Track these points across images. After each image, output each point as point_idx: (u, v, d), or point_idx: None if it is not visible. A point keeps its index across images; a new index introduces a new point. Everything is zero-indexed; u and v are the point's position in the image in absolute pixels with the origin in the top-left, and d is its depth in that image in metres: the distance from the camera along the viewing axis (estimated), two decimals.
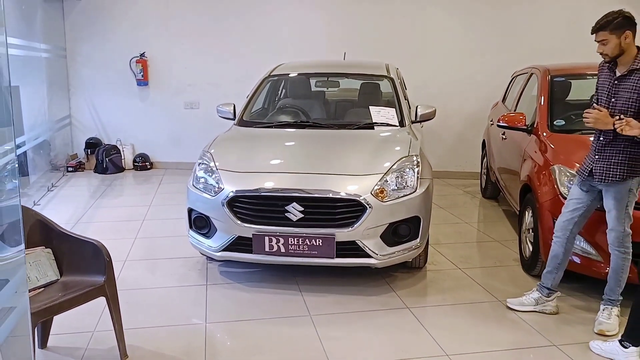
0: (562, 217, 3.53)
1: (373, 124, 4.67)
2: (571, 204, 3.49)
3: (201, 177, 4.09)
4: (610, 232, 3.34)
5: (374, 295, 3.91)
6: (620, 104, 3.24)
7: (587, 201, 3.43)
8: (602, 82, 3.40)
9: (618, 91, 3.27)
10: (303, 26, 7.97)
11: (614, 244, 3.34)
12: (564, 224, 3.50)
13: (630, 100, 3.21)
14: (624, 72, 3.26)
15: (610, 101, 3.30)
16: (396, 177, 3.89)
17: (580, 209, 3.45)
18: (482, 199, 6.87)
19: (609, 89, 3.32)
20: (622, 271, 3.36)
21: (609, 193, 3.31)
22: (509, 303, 3.74)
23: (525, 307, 3.68)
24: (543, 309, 3.65)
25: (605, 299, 3.45)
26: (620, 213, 3.28)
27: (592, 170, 3.35)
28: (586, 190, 3.43)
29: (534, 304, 3.67)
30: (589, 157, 3.42)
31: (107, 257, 2.94)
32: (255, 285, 4.07)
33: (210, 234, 3.98)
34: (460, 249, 4.92)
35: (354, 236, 3.73)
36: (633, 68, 3.22)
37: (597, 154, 3.33)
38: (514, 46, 7.75)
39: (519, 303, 3.71)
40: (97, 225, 5.58)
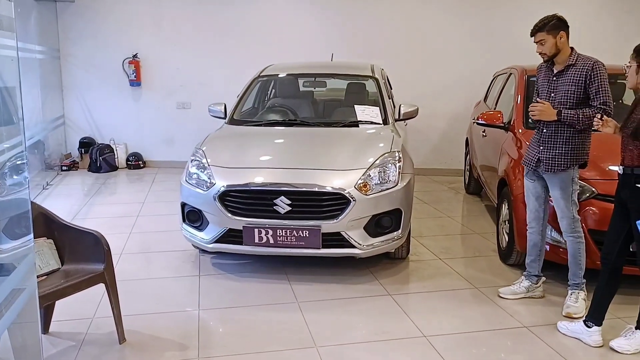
0: (530, 210, 3.80)
1: (358, 122, 4.89)
2: (530, 195, 3.80)
3: (194, 173, 4.30)
4: (561, 220, 3.62)
5: (359, 283, 4.14)
6: (560, 97, 3.57)
7: (540, 188, 3.74)
8: (542, 80, 3.74)
9: (557, 86, 3.60)
10: (292, 28, 8.20)
11: (567, 231, 3.62)
12: (535, 214, 3.77)
13: (569, 92, 3.54)
14: (560, 68, 3.59)
15: (550, 95, 3.62)
16: (379, 172, 4.12)
17: (540, 197, 3.75)
18: (465, 195, 7.12)
19: (549, 85, 3.65)
20: (580, 255, 3.62)
21: (554, 182, 3.61)
22: (501, 293, 3.94)
23: (517, 295, 3.90)
24: (533, 295, 3.90)
25: (571, 284, 3.70)
26: (567, 201, 3.58)
27: (539, 160, 3.63)
28: (534, 180, 3.74)
29: (525, 291, 3.90)
30: (533, 149, 3.71)
31: (106, 246, 3.14)
32: (246, 275, 4.29)
33: (203, 227, 4.19)
34: (442, 241, 5.16)
35: (338, 227, 3.95)
36: (569, 64, 3.55)
37: (542, 145, 3.62)
38: (497, 47, 8.01)
39: (510, 292, 3.93)
40: (92, 221, 5.75)
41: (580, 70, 3.52)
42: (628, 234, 3.10)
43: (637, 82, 3.05)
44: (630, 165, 3.04)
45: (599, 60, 3.54)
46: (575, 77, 3.53)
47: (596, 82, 3.47)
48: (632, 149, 3.04)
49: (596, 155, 4.07)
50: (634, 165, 3.02)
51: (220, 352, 3.16)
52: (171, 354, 3.15)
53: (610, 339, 3.24)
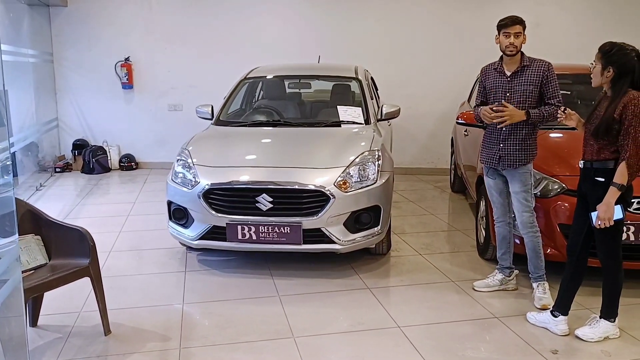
0: (496, 204, 3.96)
1: (340, 122, 5.03)
2: (493, 192, 3.95)
3: (179, 172, 4.43)
4: (523, 214, 3.75)
5: (339, 278, 4.27)
6: (518, 96, 3.73)
7: (502, 184, 3.90)
8: (492, 82, 3.87)
9: (513, 86, 3.75)
10: (280, 31, 8.35)
11: (526, 226, 3.75)
12: (502, 209, 3.93)
13: (527, 92, 3.71)
14: (514, 69, 3.75)
15: (506, 96, 3.76)
16: (358, 170, 4.25)
17: (503, 192, 3.91)
18: (450, 193, 7.26)
19: (502, 86, 3.80)
20: (539, 248, 3.79)
21: (515, 178, 3.76)
22: (475, 286, 4.07)
23: (492, 287, 4.05)
24: (506, 287, 4.04)
25: (534, 277, 3.84)
26: (527, 195, 3.74)
27: (500, 157, 3.77)
28: (494, 178, 3.90)
29: (498, 284, 4.04)
30: (490, 147, 3.85)
31: (91, 241, 3.28)
32: (231, 271, 4.42)
33: (188, 224, 4.32)
34: (424, 238, 5.29)
35: (319, 224, 4.08)
36: (524, 65, 3.74)
37: (502, 143, 3.76)
38: (483, 48, 8.10)
39: (485, 285, 4.07)
40: (83, 220, 5.87)
41: (536, 71, 3.70)
42: (591, 227, 3.23)
43: (601, 82, 3.18)
44: (590, 159, 3.18)
45: (548, 61, 3.76)
46: (531, 78, 3.70)
47: (552, 82, 3.69)
48: (592, 144, 3.18)
49: (566, 152, 4.24)
50: (593, 160, 3.16)
51: (200, 343, 3.29)
52: (153, 345, 3.28)
53: (576, 328, 3.38)
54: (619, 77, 3.06)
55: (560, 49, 7.89)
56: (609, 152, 3.09)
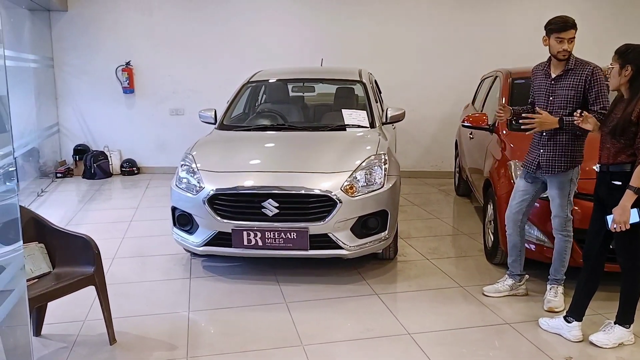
0: (511, 209, 3.87)
1: (345, 126, 4.98)
2: (517, 196, 3.84)
3: (183, 177, 4.38)
4: (554, 219, 3.68)
5: (346, 283, 4.21)
6: (559, 101, 3.61)
7: (532, 192, 3.79)
8: (539, 83, 3.78)
9: (555, 90, 3.64)
10: (282, 35, 8.31)
11: (557, 229, 3.68)
12: (514, 215, 3.85)
13: (568, 97, 3.58)
14: (559, 72, 3.62)
15: (549, 99, 3.66)
16: (365, 174, 4.20)
17: (526, 200, 3.80)
18: (455, 197, 7.20)
19: (547, 88, 3.69)
20: (565, 253, 3.70)
21: (553, 183, 3.65)
22: (485, 291, 4.02)
23: (501, 293, 3.98)
24: (516, 293, 3.97)
25: (551, 279, 3.79)
26: (563, 200, 3.63)
27: (539, 163, 3.68)
28: (531, 182, 3.78)
29: (508, 289, 3.98)
30: (532, 152, 3.76)
31: (95, 249, 3.22)
32: (236, 277, 4.36)
33: (193, 230, 4.27)
34: (430, 242, 5.24)
35: (326, 229, 4.03)
36: (569, 68, 3.59)
37: (542, 149, 3.67)
38: (485, 51, 8.13)
39: (494, 290, 4.01)
40: (86, 226, 5.82)
41: (579, 75, 3.55)
42: (608, 231, 3.17)
43: (620, 82, 3.13)
44: (606, 162, 3.13)
45: (597, 65, 3.58)
46: (574, 82, 3.55)
47: (595, 87, 3.50)
48: (609, 147, 3.13)
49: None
50: (609, 163, 3.11)
51: (208, 352, 3.23)
52: (160, 354, 3.22)
53: (590, 334, 3.32)
54: (637, 76, 3.02)
55: None
56: (625, 156, 3.04)
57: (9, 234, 2.67)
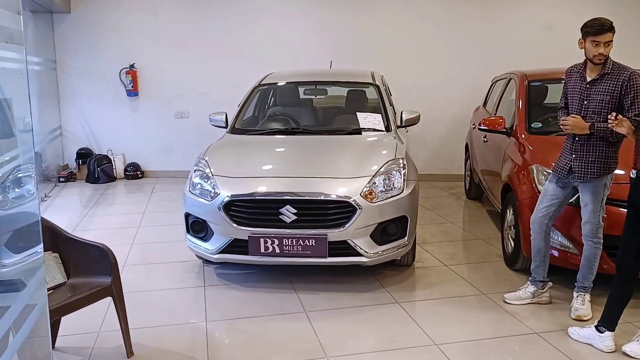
0: (538, 213, 3.77)
1: (360, 130, 4.87)
2: (546, 199, 3.73)
3: (197, 183, 4.27)
4: (585, 225, 3.59)
5: (365, 291, 4.11)
6: (594, 105, 3.50)
7: (562, 197, 3.68)
8: (573, 86, 3.66)
9: (590, 94, 3.53)
10: (290, 36, 8.20)
11: (588, 235, 3.58)
12: (540, 219, 3.74)
13: (603, 102, 3.47)
14: (595, 76, 3.51)
15: (583, 104, 3.56)
16: (384, 179, 4.10)
17: (555, 204, 3.70)
18: (466, 200, 7.11)
19: (581, 92, 3.57)
20: (595, 260, 3.60)
21: (586, 189, 3.55)
22: (506, 298, 3.92)
23: (523, 300, 3.88)
24: (539, 300, 3.87)
25: (578, 287, 3.69)
26: (596, 206, 3.53)
27: (571, 168, 3.59)
28: (561, 187, 3.67)
29: (531, 297, 3.88)
30: (564, 156, 3.66)
31: (112, 259, 3.11)
32: (252, 285, 4.25)
33: (207, 237, 4.16)
34: (446, 247, 5.14)
35: (345, 236, 3.92)
36: (604, 72, 3.47)
37: (574, 153, 3.57)
38: (494, 52, 8.05)
39: (516, 297, 3.91)
40: (93, 232, 5.70)
41: (616, 80, 3.43)
42: None
43: None
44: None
45: (635, 70, 3.46)
46: (610, 87, 3.44)
47: (632, 92, 3.39)
48: None
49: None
50: None
51: None
52: None
53: (622, 344, 3.23)
54: None
55: (575, 53, 7.77)
56: None
57: (29, 242, 2.57)
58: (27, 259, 2.74)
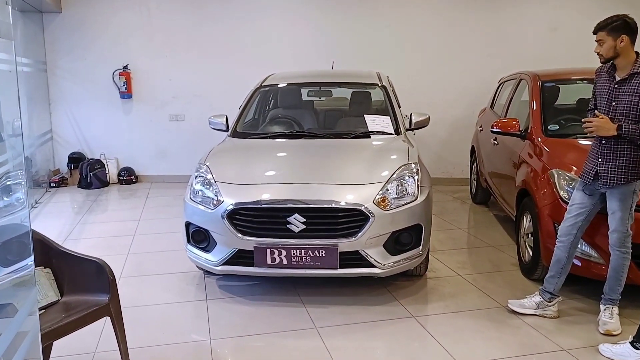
0: (566, 222, 3.54)
1: (369, 133, 4.65)
2: (574, 208, 3.51)
3: (199, 190, 4.02)
4: (612, 233, 3.37)
5: (378, 304, 3.88)
6: (622, 107, 3.29)
7: (590, 205, 3.47)
8: (601, 86, 3.45)
9: (619, 95, 3.31)
10: (289, 36, 7.96)
11: (615, 245, 3.37)
12: (568, 229, 3.52)
13: (632, 103, 3.25)
14: (624, 76, 3.30)
15: (611, 105, 3.34)
16: (396, 186, 3.88)
17: (583, 213, 3.48)
18: (472, 205, 6.90)
19: (609, 93, 3.36)
20: (622, 270, 3.40)
21: (614, 195, 3.34)
22: (509, 304, 3.74)
23: (526, 309, 3.69)
24: (544, 313, 3.65)
25: (605, 299, 3.48)
26: (624, 214, 3.32)
27: (596, 174, 3.38)
28: (589, 194, 3.46)
29: (534, 307, 3.67)
30: (590, 161, 3.45)
31: (110, 275, 2.85)
32: (257, 298, 4.01)
33: (210, 248, 3.91)
34: (457, 255, 4.93)
35: (357, 246, 3.70)
36: (634, 72, 3.26)
37: (600, 158, 3.36)
38: (497, 53, 7.86)
39: (519, 305, 3.72)
40: (86, 242, 5.44)
41: None
42: None
43: None
44: None
45: None
46: (639, 87, 3.25)
47: None
48: None
49: None
50: None
51: None
52: None
53: None
54: None
55: (580, 54, 7.59)
56: None
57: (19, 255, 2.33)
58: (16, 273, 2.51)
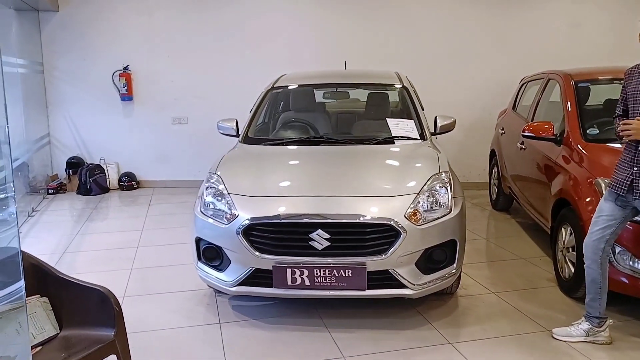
0: (591, 237, 3.21)
1: (393, 138, 4.29)
2: (601, 220, 3.18)
3: (210, 202, 3.67)
4: None
5: (410, 328, 3.52)
6: None
7: (620, 217, 3.14)
8: (634, 89, 3.13)
9: None
10: (295, 35, 7.61)
11: None
12: (595, 244, 3.18)
13: None
14: None
15: None
16: (427, 197, 3.53)
17: (612, 226, 3.14)
18: (492, 211, 6.56)
19: None
20: None
21: None
22: (555, 334, 3.39)
23: (574, 338, 3.33)
24: (595, 340, 3.30)
25: None
26: None
27: (631, 184, 3.04)
28: (621, 206, 3.13)
29: (584, 335, 3.32)
30: (622, 170, 3.12)
31: (116, 306, 2.50)
32: (275, 321, 3.65)
33: (223, 267, 3.55)
34: (486, 270, 4.58)
35: (386, 265, 3.34)
36: None
37: (636, 166, 3.03)
38: (514, 51, 7.53)
39: (566, 334, 3.37)
40: (86, 254, 5.09)
41: None
42: None
43: None
44: None
45: None
46: None
47: None
48: None
49: None
50: None
51: None
52: None
53: None
54: None
55: (602, 51, 7.28)
56: None
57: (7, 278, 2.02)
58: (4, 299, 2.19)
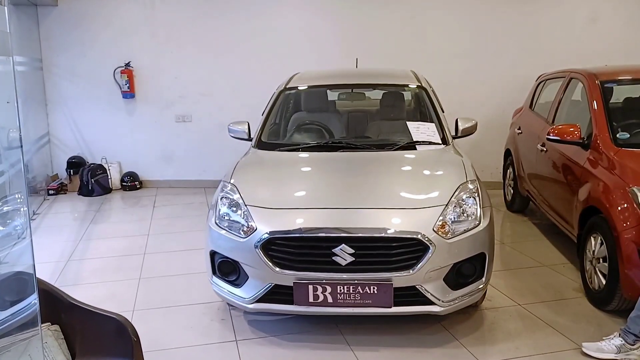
0: None
1: (414, 144, 4.09)
2: None
3: (225, 213, 3.47)
4: None
5: (437, 346, 3.35)
6: None
7: None
8: None
9: None
10: (305, 30, 7.37)
11: None
12: None
13: None
14: None
15: None
16: (454, 208, 3.35)
17: None
18: (507, 213, 6.39)
19: None
20: None
21: None
22: (585, 348, 3.24)
23: (605, 354, 3.17)
24: (626, 358, 3.14)
25: None
26: None
27: None
28: None
29: (615, 351, 3.16)
30: None
31: (134, 336, 2.32)
32: (294, 338, 3.48)
33: (241, 282, 3.37)
34: (510, 278, 4.41)
35: (414, 280, 3.17)
36: None
37: None
38: (530, 49, 7.30)
39: (596, 349, 3.21)
40: (92, 262, 4.90)
41: None
42: None
43: None
44: None
45: None
46: None
47: None
48: None
49: None
50: None
51: None
52: None
53: None
54: None
55: (620, 47, 7.08)
56: None
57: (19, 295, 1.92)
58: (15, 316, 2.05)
